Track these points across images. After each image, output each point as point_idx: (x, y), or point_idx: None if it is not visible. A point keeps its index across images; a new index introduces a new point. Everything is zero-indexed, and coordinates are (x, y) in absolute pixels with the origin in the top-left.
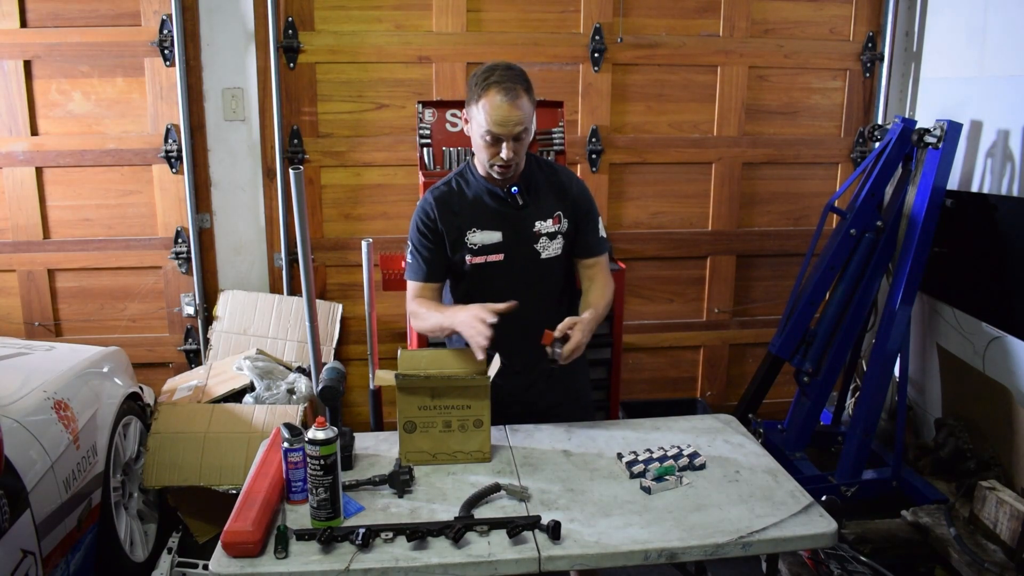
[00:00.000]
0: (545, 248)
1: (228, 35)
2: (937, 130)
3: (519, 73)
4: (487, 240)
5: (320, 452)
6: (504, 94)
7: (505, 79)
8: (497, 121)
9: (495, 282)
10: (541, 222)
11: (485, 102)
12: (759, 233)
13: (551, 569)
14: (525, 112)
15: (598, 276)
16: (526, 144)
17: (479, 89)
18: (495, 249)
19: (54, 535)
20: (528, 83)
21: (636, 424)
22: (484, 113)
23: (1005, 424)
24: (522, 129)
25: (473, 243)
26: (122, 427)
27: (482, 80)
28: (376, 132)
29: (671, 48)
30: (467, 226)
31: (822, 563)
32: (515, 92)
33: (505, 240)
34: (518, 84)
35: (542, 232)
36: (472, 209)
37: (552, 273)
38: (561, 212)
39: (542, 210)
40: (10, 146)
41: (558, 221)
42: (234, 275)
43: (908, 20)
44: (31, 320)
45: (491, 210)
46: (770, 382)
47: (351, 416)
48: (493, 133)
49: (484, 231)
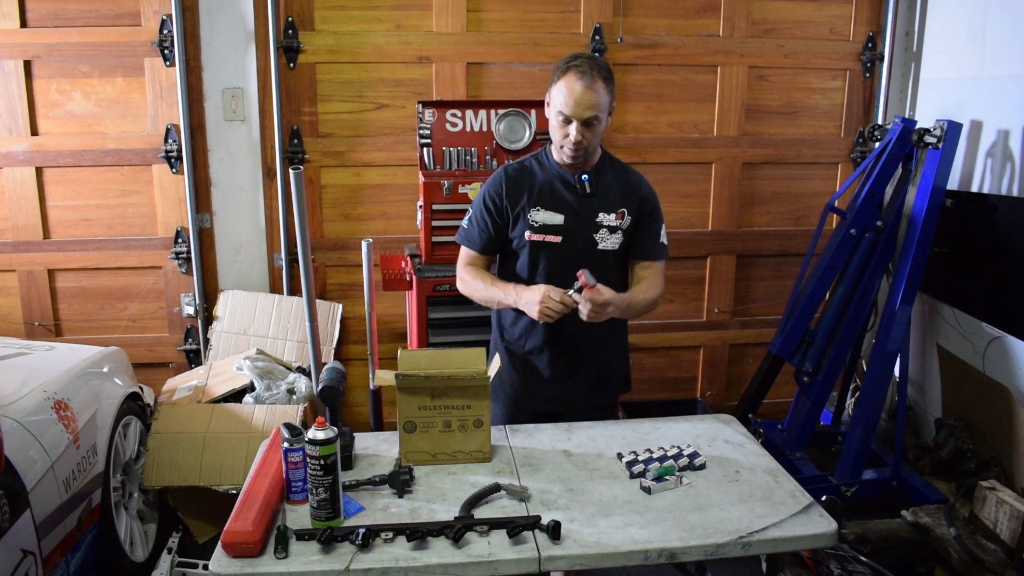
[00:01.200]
0: (604, 239)
1: (228, 35)
2: (937, 130)
3: (601, 64)
4: (549, 220)
5: (320, 452)
6: (580, 78)
7: (585, 64)
8: (570, 103)
9: (549, 263)
10: (604, 214)
11: (562, 83)
12: (759, 233)
13: (551, 569)
14: (599, 98)
15: (647, 278)
16: (598, 132)
17: (560, 71)
18: (555, 230)
19: (54, 535)
20: (608, 74)
21: (636, 424)
22: (559, 94)
23: (1005, 424)
24: (593, 115)
25: (535, 220)
26: (122, 427)
27: (564, 63)
28: (376, 132)
29: (671, 48)
30: (532, 203)
31: (822, 563)
32: (591, 77)
33: (566, 224)
34: (596, 71)
35: (603, 224)
36: (541, 188)
37: (606, 265)
38: (626, 209)
39: (608, 203)
40: (10, 146)
41: (621, 217)
42: (234, 275)
43: (908, 20)
44: (31, 320)
45: (558, 193)
46: (770, 382)
47: (351, 416)
48: (564, 114)
49: (548, 211)
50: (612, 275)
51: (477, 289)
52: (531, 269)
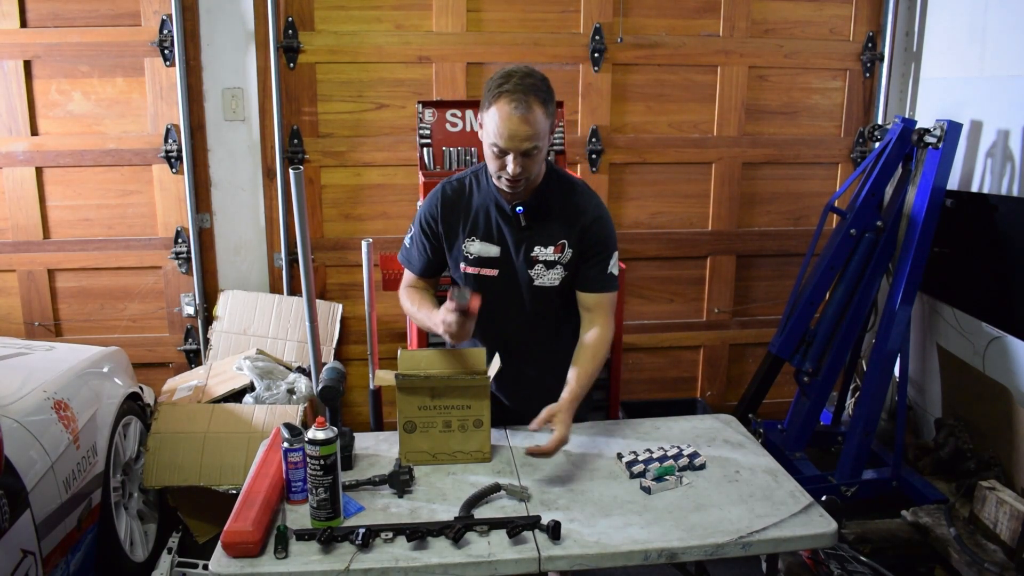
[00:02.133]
0: (540, 276)
1: (228, 35)
2: (937, 130)
3: (537, 83)
4: (484, 252)
5: (320, 452)
6: (514, 105)
7: (519, 89)
8: (504, 135)
9: (487, 296)
10: (541, 248)
11: (495, 111)
12: (759, 233)
13: (551, 569)
14: (537, 127)
15: (596, 320)
16: (538, 160)
17: (491, 96)
18: (491, 263)
19: (54, 535)
20: (547, 93)
21: (636, 424)
22: (492, 123)
23: (1005, 424)
24: (531, 146)
25: (470, 252)
26: (122, 427)
27: (495, 87)
28: (376, 132)
29: (671, 48)
30: (467, 232)
31: (822, 563)
32: (527, 104)
33: (502, 257)
34: (532, 95)
35: (539, 258)
36: (476, 216)
37: (546, 300)
38: (566, 241)
39: (545, 235)
40: (10, 146)
41: (560, 250)
42: (234, 275)
43: (908, 20)
44: (31, 320)
45: (493, 222)
46: (770, 382)
47: (351, 416)
48: (499, 147)
49: (483, 243)
50: (554, 310)
51: (412, 313)
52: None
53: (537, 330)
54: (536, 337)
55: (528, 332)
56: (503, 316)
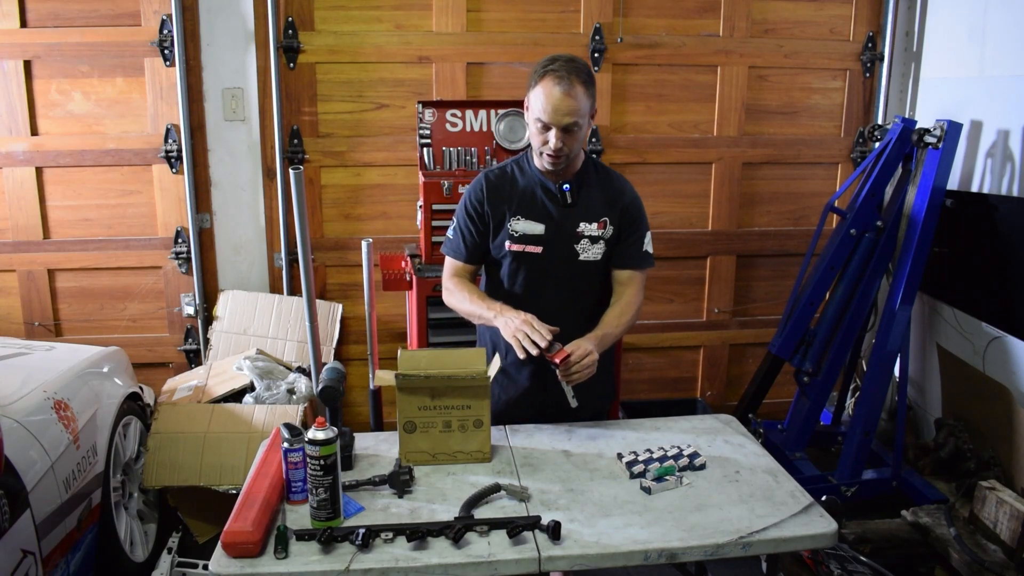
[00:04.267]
0: (585, 250)
1: (228, 35)
2: (937, 130)
3: (580, 66)
4: (529, 230)
5: (320, 452)
6: (558, 82)
7: (563, 68)
8: (547, 109)
9: (530, 273)
10: (586, 224)
11: (540, 89)
12: (759, 233)
13: (551, 569)
14: (578, 103)
15: (626, 292)
16: (578, 138)
17: (537, 76)
18: (535, 241)
19: (54, 535)
20: (588, 77)
21: (636, 424)
22: (537, 100)
23: (1005, 424)
24: (572, 121)
25: (515, 230)
26: (122, 427)
27: (541, 67)
28: (376, 132)
29: (671, 48)
30: (513, 212)
31: (822, 563)
32: (569, 82)
33: (547, 234)
34: (575, 75)
35: (585, 234)
36: (521, 197)
37: (588, 276)
38: (608, 218)
39: (589, 212)
40: (10, 146)
41: (603, 226)
42: (234, 275)
43: (908, 20)
44: (31, 320)
45: (539, 202)
46: (770, 382)
47: (351, 416)
48: (543, 120)
49: (528, 221)
50: (595, 287)
51: (462, 301)
52: (511, 279)
53: (579, 308)
54: (579, 316)
55: (571, 310)
56: (545, 294)
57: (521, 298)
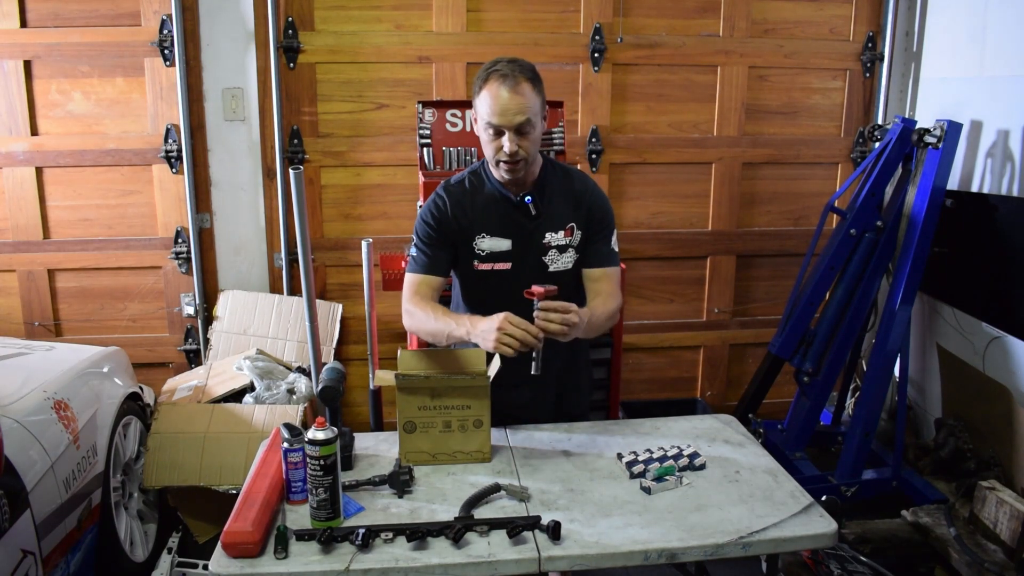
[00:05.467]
0: (554, 261)
1: (228, 35)
2: (937, 130)
3: (525, 65)
4: (495, 247)
5: (320, 452)
6: (503, 82)
7: (506, 68)
8: (496, 110)
9: (501, 291)
10: (552, 233)
11: (485, 92)
12: (759, 233)
13: (551, 569)
14: (527, 100)
15: (603, 289)
16: (533, 140)
17: (480, 80)
18: (503, 257)
19: (54, 535)
20: (534, 74)
21: (636, 424)
22: (484, 104)
23: (1005, 424)
24: (524, 119)
25: (481, 249)
26: (122, 427)
27: (484, 71)
28: (376, 132)
29: (671, 48)
30: (476, 230)
31: (822, 563)
32: (515, 79)
33: (514, 249)
34: (519, 73)
35: (552, 244)
36: (483, 213)
37: (561, 285)
38: (575, 223)
39: (555, 220)
40: (10, 146)
41: (570, 233)
42: (234, 275)
43: (908, 20)
44: (31, 320)
45: (502, 216)
46: (770, 382)
47: (351, 416)
48: (493, 124)
49: (493, 238)
50: (569, 298)
51: (424, 322)
52: (479, 299)
53: None
54: None
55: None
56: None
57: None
